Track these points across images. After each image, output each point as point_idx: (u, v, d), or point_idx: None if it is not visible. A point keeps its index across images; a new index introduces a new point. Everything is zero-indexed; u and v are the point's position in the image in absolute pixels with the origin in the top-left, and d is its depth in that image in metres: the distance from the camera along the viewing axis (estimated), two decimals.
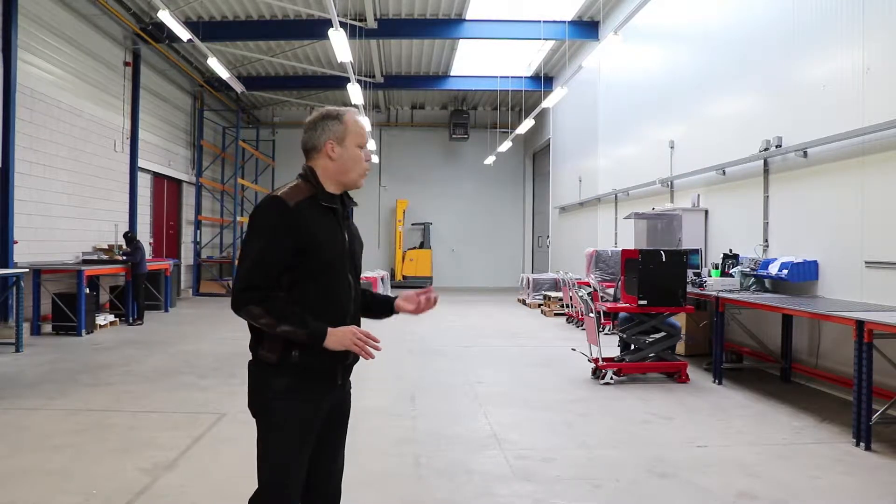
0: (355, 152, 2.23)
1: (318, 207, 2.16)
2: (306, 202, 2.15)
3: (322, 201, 2.18)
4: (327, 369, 2.20)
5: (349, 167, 2.23)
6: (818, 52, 6.78)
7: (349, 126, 2.23)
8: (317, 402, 2.19)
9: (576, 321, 11.67)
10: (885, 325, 4.56)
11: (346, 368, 2.28)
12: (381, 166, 22.96)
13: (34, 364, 7.70)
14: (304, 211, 2.12)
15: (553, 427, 5.29)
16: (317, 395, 2.18)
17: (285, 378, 2.13)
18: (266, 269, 2.08)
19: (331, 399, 2.25)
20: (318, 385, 2.19)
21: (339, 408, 2.32)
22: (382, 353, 2.54)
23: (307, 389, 2.16)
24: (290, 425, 2.14)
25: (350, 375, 2.35)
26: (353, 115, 2.25)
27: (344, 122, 2.23)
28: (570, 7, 13.42)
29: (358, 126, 2.24)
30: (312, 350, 2.10)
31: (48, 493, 3.76)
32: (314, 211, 2.15)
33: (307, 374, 2.15)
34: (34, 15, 10.47)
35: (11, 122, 9.66)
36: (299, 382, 2.14)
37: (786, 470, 4.26)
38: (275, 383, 2.14)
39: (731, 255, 7.85)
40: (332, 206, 2.20)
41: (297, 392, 2.14)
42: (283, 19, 13.95)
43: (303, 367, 2.13)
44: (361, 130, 2.25)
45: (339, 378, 2.25)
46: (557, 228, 18.80)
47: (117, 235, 13.00)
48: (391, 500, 3.77)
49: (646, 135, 11.62)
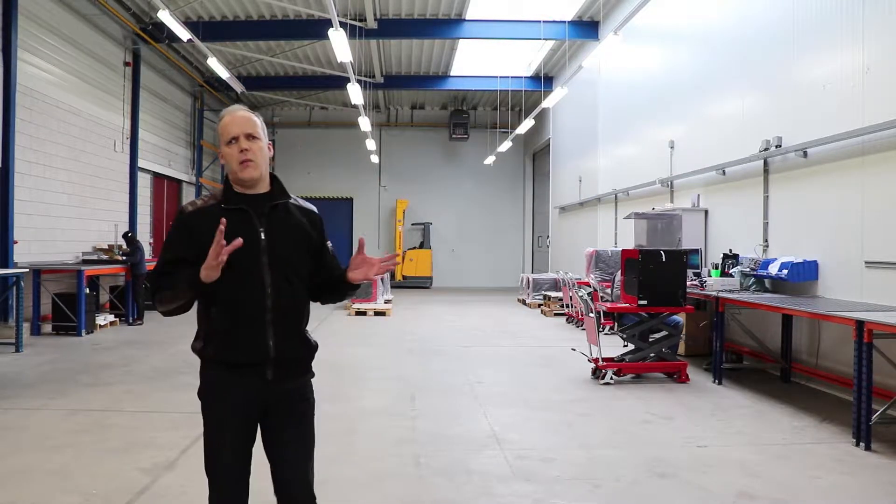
0: (226, 150, 2.25)
1: (222, 211, 2.20)
2: (212, 208, 2.24)
3: (225, 205, 2.23)
4: (245, 363, 2.21)
5: (229, 164, 2.25)
6: (818, 52, 6.78)
7: (220, 127, 2.29)
8: (233, 395, 2.22)
9: (576, 321, 11.66)
10: (885, 325, 4.56)
11: (276, 364, 2.23)
12: (381, 166, 22.97)
13: (34, 364, 7.69)
14: (202, 217, 2.21)
15: (553, 427, 5.29)
16: (236, 387, 2.22)
17: (208, 373, 2.27)
18: (161, 267, 2.24)
19: (260, 395, 2.24)
20: (239, 378, 2.22)
21: (280, 407, 2.28)
22: (383, 352, 2.56)
23: (226, 381, 2.23)
24: (210, 419, 2.26)
25: (296, 373, 2.32)
26: (227, 113, 2.29)
27: (218, 127, 2.31)
28: (570, 7, 13.41)
29: (223, 124, 2.27)
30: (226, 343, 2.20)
31: (48, 493, 3.76)
32: (217, 215, 2.14)
33: (228, 368, 2.22)
34: (34, 15, 10.47)
35: (11, 122, 9.66)
36: (221, 375, 2.24)
37: (786, 470, 4.26)
38: (203, 375, 2.30)
39: (731, 255, 7.85)
40: (237, 208, 2.23)
41: (216, 387, 2.25)
42: (283, 19, 13.95)
43: (219, 361, 2.23)
44: (225, 127, 2.26)
45: (268, 374, 2.23)
46: (557, 228, 18.80)
47: (117, 235, 13.00)
48: (391, 500, 3.77)
49: (646, 135, 11.62)
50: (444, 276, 22.91)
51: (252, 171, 2.23)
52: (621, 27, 9.68)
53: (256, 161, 2.23)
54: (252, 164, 2.22)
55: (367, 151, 20.37)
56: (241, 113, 2.28)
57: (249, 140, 2.23)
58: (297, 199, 2.39)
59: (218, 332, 2.22)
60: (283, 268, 2.24)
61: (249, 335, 2.20)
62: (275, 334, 2.21)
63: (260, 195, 2.28)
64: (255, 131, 2.26)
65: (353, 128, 19.88)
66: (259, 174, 2.25)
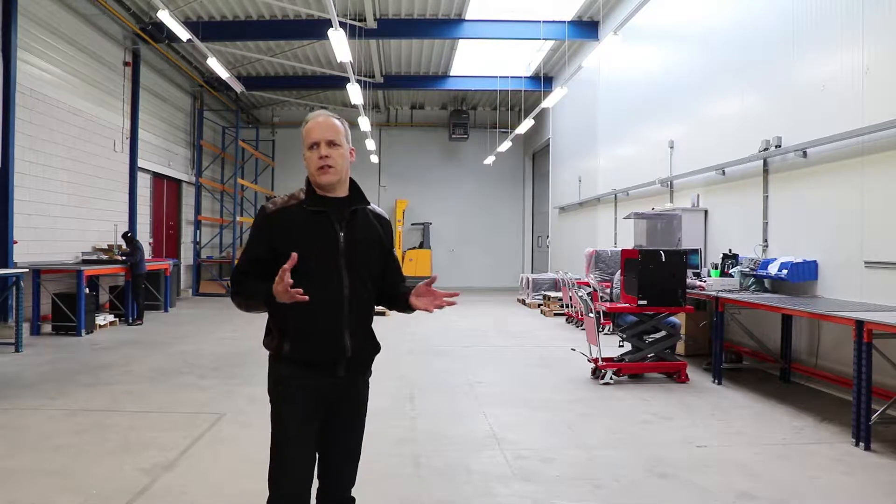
0: (307, 154, 2.33)
1: (303, 212, 2.31)
2: (293, 208, 2.33)
3: (307, 206, 2.32)
4: (322, 362, 2.29)
5: (309, 168, 2.33)
6: (818, 52, 6.78)
7: (304, 131, 2.36)
8: (309, 394, 2.28)
9: (575, 321, 11.67)
10: (884, 325, 4.56)
11: (349, 361, 2.32)
12: (381, 166, 22.97)
13: (34, 364, 7.69)
14: (284, 217, 2.31)
15: (553, 427, 5.29)
16: (311, 386, 2.28)
17: (282, 368, 2.32)
18: (243, 265, 2.34)
19: (330, 392, 2.32)
20: (312, 376, 2.29)
21: (342, 403, 2.37)
22: (382, 352, 2.56)
23: (300, 380, 2.28)
24: (282, 410, 2.31)
25: (363, 371, 2.44)
26: (311, 118, 2.36)
27: (302, 130, 2.37)
28: (569, 7, 13.41)
29: (307, 129, 2.34)
30: (304, 340, 2.27)
31: (48, 493, 3.76)
32: (298, 216, 2.30)
33: (301, 366, 2.28)
34: (34, 15, 10.46)
35: (11, 122, 9.65)
36: (294, 372, 2.29)
37: (785, 470, 4.26)
38: (274, 372, 2.36)
39: (731, 255, 7.85)
40: (319, 210, 2.31)
41: (290, 382, 2.29)
42: (283, 19, 13.95)
43: (294, 358, 2.28)
44: (308, 132, 2.33)
45: (340, 370, 2.31)
46: (557, 228, 18.80)
47: (117, 235, 12.99)
48: (391, 499, 3.77)
49: (645, 135, 11.62)
50: (444, 277, 22.86)
51: (330, 176, 2.30)
52: (621, 27, 9.69)
53: (336, 167, 2.30)
54: (331, 171, 2.30)
55: (366, 151, 20.36)
56: (323, 119, 2.34)
57: (330, 147, 2.30)
58: (373, 206, 2.49)
59: (296, 330, 2.27)
60: (360, 270, 2.34)
61: (328, 334, 2.28)
62: (351, 334, 2.30)
63: (340, 199, 2.37)
64: (336, 138, 2.32)
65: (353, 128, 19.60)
66: (337, 179, 2.32)
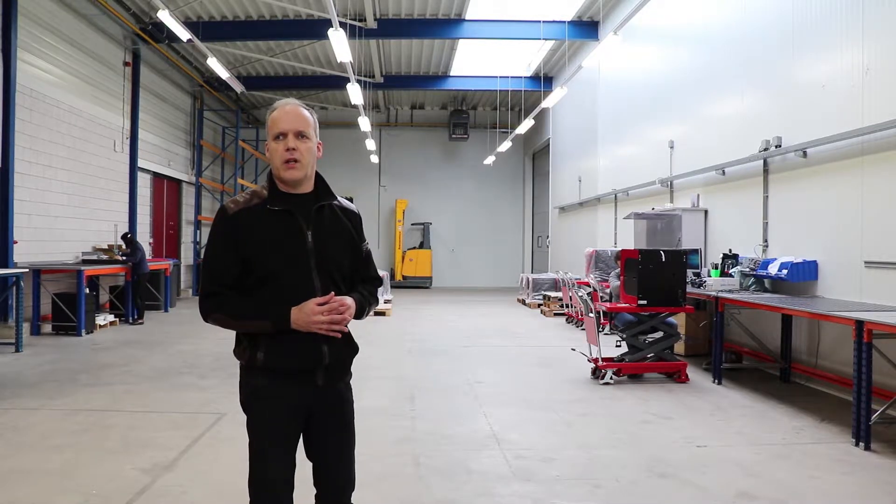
0: (272, 145, 2.14)
1: (268, 212, 2.13)
2: (255, 209, 2.14)
3: (270, 205, 2.13)
4: (298, 370, 2.15)
5: (273, 161, 2.15)
6: (818, 52, 6.78)
7: (269, 119, 2.17)
8: (285, 404, 2.15)
9: (575, 321, 11.67)
10: (884, 325, 4.56)
11: (327, 369, 2.19)
12: (381, 166, 22.98)
13: (34, 364, 7.69)
14: (247, 218, 2.12)
15: (553, 427, 5.29)
16: (286, 396, 2.15)
17: (256, 379, 2.16)
18: (217, 276, 2.14)
19: (308, 400, 2.19)
20: (289, 386, 2.15)
21: (325, 410, 2.23)
22: (382, 353, 2.56)
23: (275, 390, 2.14)
24: (259, 424, 2.17)
25: (341, 376, 2.29)
26: (278, 106, 2.17)
27: (268, 118, 2.18)
28: (569, 7, 13.42)
29: (273, 118, 2.15)
30: (278, 350, 2.11)
31: (48, 493, 3.76)
32: (262, 216, 2.12)
33: (277, 376, 2.14)
34: (34, 15, 10.46)
35: (11, 122, 9.66)
36: (269, 383, 2.15)
37: (785, 470, 4.26)
38: (248, 383, 2.19)
39: (731, 255, 7.85)
40: (283, 210, 2.13)
41: (265, 393, 2.15)
42: (283, 19, 13.95)
43: (269, 368, 2.13)
44: (274, 121, 2.14)
45: (318, 379, 2.18)
46: (557, 228, 18.80)
47: (117, 235, 12.99)
48: (390, 499, 3.77)
49: (645, 135, 11.62)
50: (444, 276, 22.92)
51: (296, 172, 2.12)
52: (621, 27, 9.68)
53: (303, 162, 2.12)
54: (297, 166, 2.11)
55: (366, 151, 20.38)
56: (291, 108, 2.15)
57: (298, 139, 2.11)
58: (340, 200, 2.31)
59: (269, 338, 2.11)
60: (331, 270, 2.18)
61: (304, 341, 2.11)
62: (328, 339, 2.14)
63: (305, 195, 2.19)
64: (306, 130, 2.13)
65: (353, 128, 19.91)
66: (303, 175, 2.14)
